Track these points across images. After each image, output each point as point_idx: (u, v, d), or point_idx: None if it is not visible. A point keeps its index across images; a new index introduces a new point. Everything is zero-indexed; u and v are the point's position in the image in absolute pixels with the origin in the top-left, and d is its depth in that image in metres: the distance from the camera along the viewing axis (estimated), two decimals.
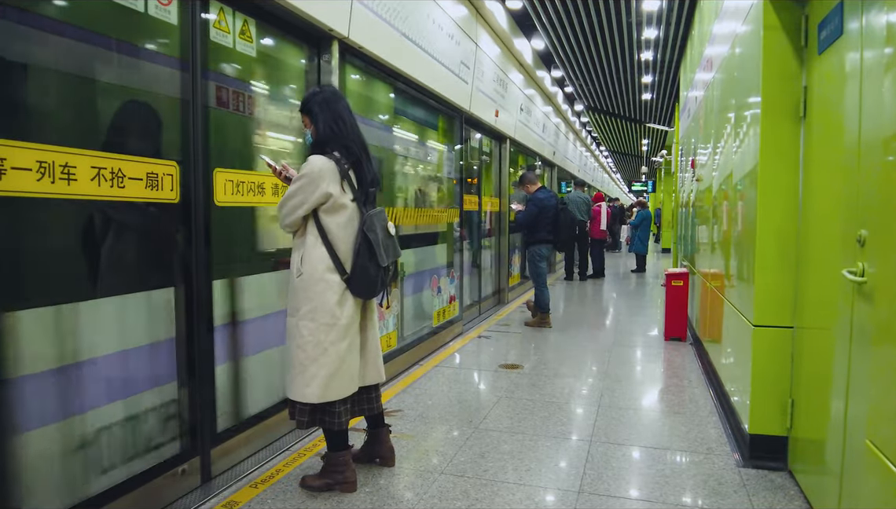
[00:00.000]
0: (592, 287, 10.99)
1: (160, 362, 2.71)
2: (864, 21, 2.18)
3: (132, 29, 2.54)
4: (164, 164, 2.60)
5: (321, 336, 2.67)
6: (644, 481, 3.01)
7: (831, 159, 2.56)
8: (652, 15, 8.00)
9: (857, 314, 2.15)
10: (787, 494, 2.86)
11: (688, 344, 6.12)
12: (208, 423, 2.91)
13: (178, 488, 2.74)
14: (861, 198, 2.13)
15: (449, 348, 5.84)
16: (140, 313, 2.59)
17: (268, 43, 3.44)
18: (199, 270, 2.81)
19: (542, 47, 9.37)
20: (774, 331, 3.10)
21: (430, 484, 2.95)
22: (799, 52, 3.00)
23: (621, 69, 11.05)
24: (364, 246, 2.71)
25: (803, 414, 2.91)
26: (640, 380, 4.92)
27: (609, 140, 21.82)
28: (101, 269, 2.44)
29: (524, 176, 7.23)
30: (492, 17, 6.85)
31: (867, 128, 2.11)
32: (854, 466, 2.16)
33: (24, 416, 2.11)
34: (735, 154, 3.85)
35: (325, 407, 2.74)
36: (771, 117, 3.07)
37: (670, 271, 6.43)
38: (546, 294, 6.93)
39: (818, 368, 2.68)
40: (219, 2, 2.97)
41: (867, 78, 2.12)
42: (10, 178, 1.96)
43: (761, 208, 3.11)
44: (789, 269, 3.05)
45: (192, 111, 2.76)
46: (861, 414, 2.09)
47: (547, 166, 12.96)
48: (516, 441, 3.50)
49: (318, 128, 2.77)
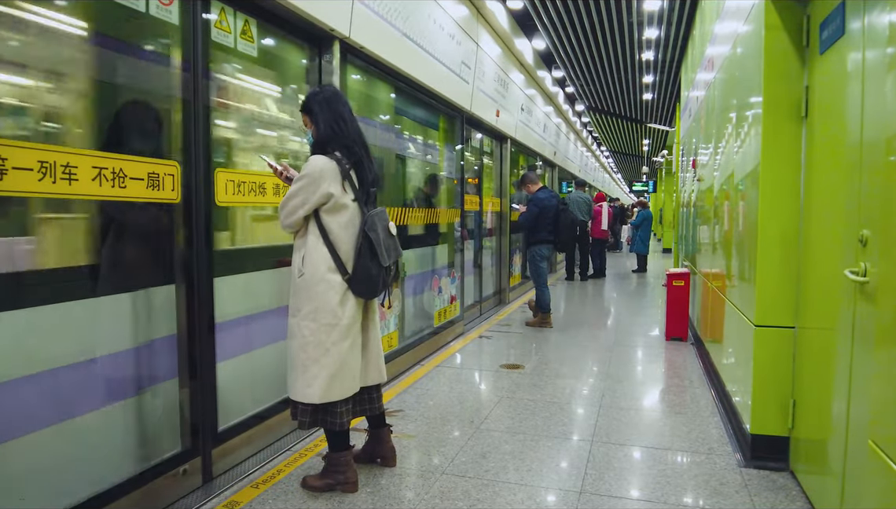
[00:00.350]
0: (593, 287, 10.98)
1: (161, 361, 2.71)
2: (865, 21, 2.17)
3: (133, 29, 2.54)
4: (166, 164, 2.60)
5: (323, 336, 2.67)
6: (645, 481, 3.01)
7: (833, 159, 2.56)
8: (653, 15, 7.99)
9: (860, 314, 2.14)
10: (788, 494, 2.85)
11: (689, 344, 6.11)
12: (209, 423, 2.91)
13: (179, 488, 2.74)
14: (863, 198, 2.13)
15: (450, 348, 5.83)
16: (141, 312, 2.59)
17: (269, 43, 3.44)
18: (200, 269, 2.81)
19: (543, 47, 9.37)
20: (776, 331, 3.09)
21: (431, 484, 2.95)
22: (800, 51, 3.00)
23: (622, 69, 11.04)
24: (365, 246, 2.71)
25: (805, 414, 2.90)
26: (642, 380, 4.92)
27: (610, 140, 21.81)
28: (101, 268, 2.44)
29: (525, 176, 7.23)
30: (493, 17, 6.84)
31: (869, 127, 2.10)
32: (856, 467, 2.16)
33: (20, 419, 2.11)
34: (736, 154, 3.85)
35: (326, 407, 2.74)
36: (772, 117, 3.07)
37: (671, 271, 6.43)
38: (547, 294, 6.92)
39: (820, 368, 2.67)
40: (220, 2, 2.97)
41: (869, 78, 2.12)
42: (12, 178, 1.96)
43: (763, 208, 3.10)
44: (791, 269, 3.04)
45: (193, 111, 2.76)
46: (863, 415, 2.08)
47: (548, 166, 12.95)
48: (517, 441, 3.50)
49: (318, 128, 2.77)
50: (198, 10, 2.78)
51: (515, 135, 8.83)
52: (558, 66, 10.84)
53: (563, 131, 13.87)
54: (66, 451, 2.27)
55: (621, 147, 23.67)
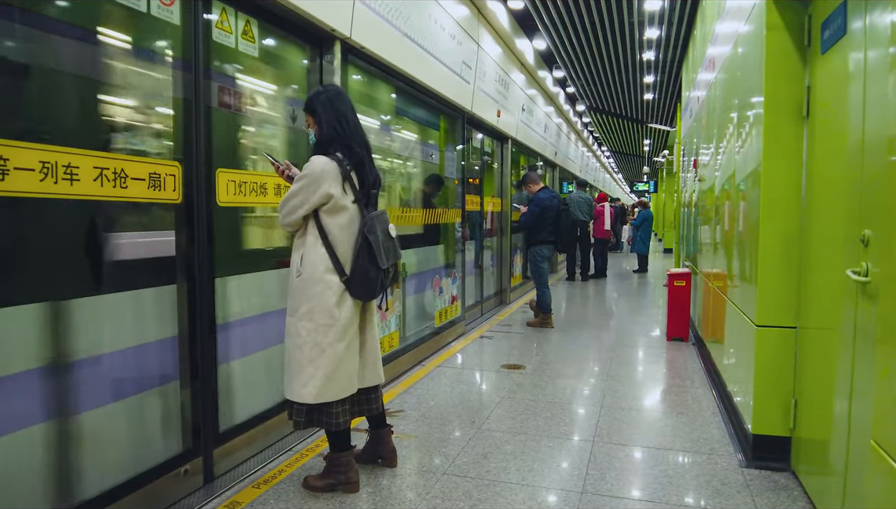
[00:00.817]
0: (594, 287, 10.97)
1: (162, 361, 2.71)
2: (867, 20, 2.17)
3: (134, 29, 2.54)
4: (167, 165, 2.60)
5: (319, 336, 2.66)
6: (647, 481, 3.01)
7: (835, 159, 2.55)
8: (654, 15, 7.99)
9: (861, 314, 2.14)
10: (790, 495, 2.85)
11: (690, 344, 6.11)
12: (210, 423, 2.91)
13: (180, 488, 2.74)
14: (865, 198, 2.13)
15: (451, 348, 5.83)
16: (142, 312, 2.60)
17: (270, 43, 3.44)
18: (201, 270, 2.81)
19: (544, 47, 9.37)
20: (777, 331, 3.09)
21: (432, 484, 2.95)
22: (802, 51, 2.99)
23: (623, 69, 11.03)
24: (364, 247, 2.70)
25: (807, 414, 2.90)
26: (643, 380, 4.91)
27: (611, 140, 21.80)
28: (102, 267, 2.44)
29: (526, 176, 7.23)
30: (493, 18, 6.84)
31: (871, 127, 2.10)
32: (858, 467, 2.15)
33: (18, 415, 2.11)
34: (738, 154, 3.84)
35: (322, 407, 2.73)
36: (774, 117, 3.07)
37: (673, 271, 6.43)
38: (548, 294, 6.92)
39: (822, 368, 2.67)
40: (221, 2, 2.97)
41: (871, 77, 2.12)
42: (14, 178, 1.96)
43: (764, 208, 3.10)
44: (792, 269, 3.04)
45: (195, 111, 2.76)
46: (865, 415, 2.08)
47: (549, 166, 12.95)
48: (519, 441, 3.49)
49: (321, 128, 2.76)
50: (199, 11, 2.78)
51: (516, 135, 8.82)
52: (559, 66, 10.84)
53: (563, 131, 13.87)
54: (65, 451, 2.27)
55: (622, 147, 23.67)
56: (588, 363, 5.36)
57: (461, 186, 6.68)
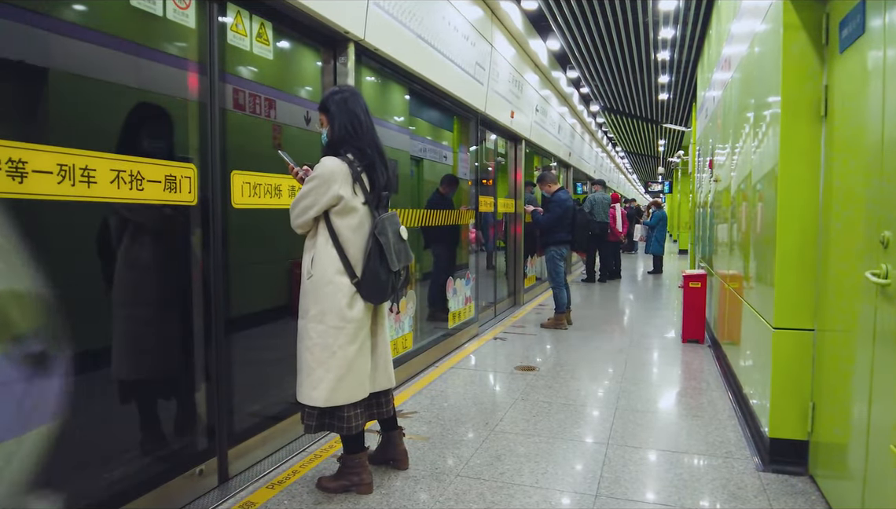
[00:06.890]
0: (609, 288, 10.91)
1: (177, 362, 2.73)
2: (886, 19, 2.14)
3: (150, 32, 2.57)
4: (183, 167, 2.62)
5: (329, 339, 2.66)
6: (662, 485, 2.98)
7: (853, 159, 2.52)
8: (669, 14, 7.93)
9: (881, 317, 2.11)
10: (808, 499, 2.81)
11: (706, 346, 6.05)
12: (225, 424, 2.92)
13: (195, 488, 2.76)
14: (884, 199, 2.10)
15: (465, 350, 5.83)
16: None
17: (284, 45, 3.46)
18: (216, 271, 2.83)
19: (558, 48, 9.33)
20: (795, 334, 3.05)
21: (445, 486, 2.94)
22: (820, 50, 2.96)
23: (637, 69, 10.96)
24: (375, 250, 2.69)
25: (825, 418, 2.86)
26: (658, 382, 4.87)
27: (625, 141, 21.67)
28: (118, 269, 2.46)
29: (543, 175, 7.17)
30: (507, 18, 6.83)
31: (890, 127, 2.07)
32: (878, 471, 2.12)
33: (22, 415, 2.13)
34: (754, 154, 3.80)
35: (333, 411, 2.73)
36: (791, 117, 3.03)
37: (688, 272, 6.37)
38: (563, 294, 6.90)
39: (840, 372, 2.63)
40: (236, 5, 3.00)
41: (890, 76, 2.09)
42: (32, 181, 1.98)
43: (781, 209, 3.06)
44: (810, 271, 3.00)
45: (210, 114, 2.79)
46: (885, 419, 2.05)
47: (562, 167, 12.90)
48: (532, 443, 3.48)
49: (333, 129, 2.76)
50: (214, 14, 2.81)
51: (530, 136, 8.80)
52: (573, 67, 10.79)
53: (577, 132, 13.81)
54: (78, 450, 2.30)
55: (636, 148, 23.53)
56: (602, 365, 5.33)
57: (475, 187, 6.68)
